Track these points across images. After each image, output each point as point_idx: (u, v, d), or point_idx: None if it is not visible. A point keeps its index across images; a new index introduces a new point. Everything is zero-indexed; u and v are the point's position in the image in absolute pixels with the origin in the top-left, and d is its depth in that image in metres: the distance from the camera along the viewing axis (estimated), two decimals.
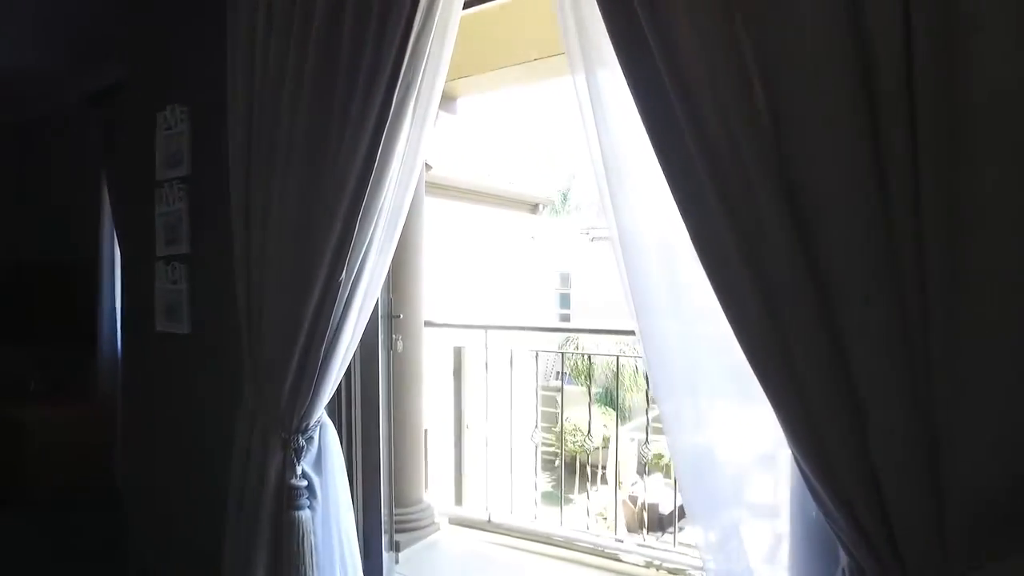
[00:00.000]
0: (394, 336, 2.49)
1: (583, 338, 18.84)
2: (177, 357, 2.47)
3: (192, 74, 2.35)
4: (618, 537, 3.43)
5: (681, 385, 1.40)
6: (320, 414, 1.89)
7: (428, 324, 3.16)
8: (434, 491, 3.44)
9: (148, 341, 2.56)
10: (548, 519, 3.54)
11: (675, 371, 1.40)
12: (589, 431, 3.93)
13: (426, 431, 3.28)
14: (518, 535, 3.32)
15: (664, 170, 1.19)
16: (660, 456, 15.56)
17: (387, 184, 1.74)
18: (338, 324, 1.78)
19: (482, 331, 3.44)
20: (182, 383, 2.47)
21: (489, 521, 3.42)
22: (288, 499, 1.83)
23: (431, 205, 9.74)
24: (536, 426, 3.70)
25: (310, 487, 1.86)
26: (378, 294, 1.94)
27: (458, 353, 3.48)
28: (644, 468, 14.61)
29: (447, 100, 2.99)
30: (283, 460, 1.84)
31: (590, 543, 3.30)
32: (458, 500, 3.59)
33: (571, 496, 17.02)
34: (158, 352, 2.55)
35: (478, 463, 3.67)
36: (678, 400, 1.41)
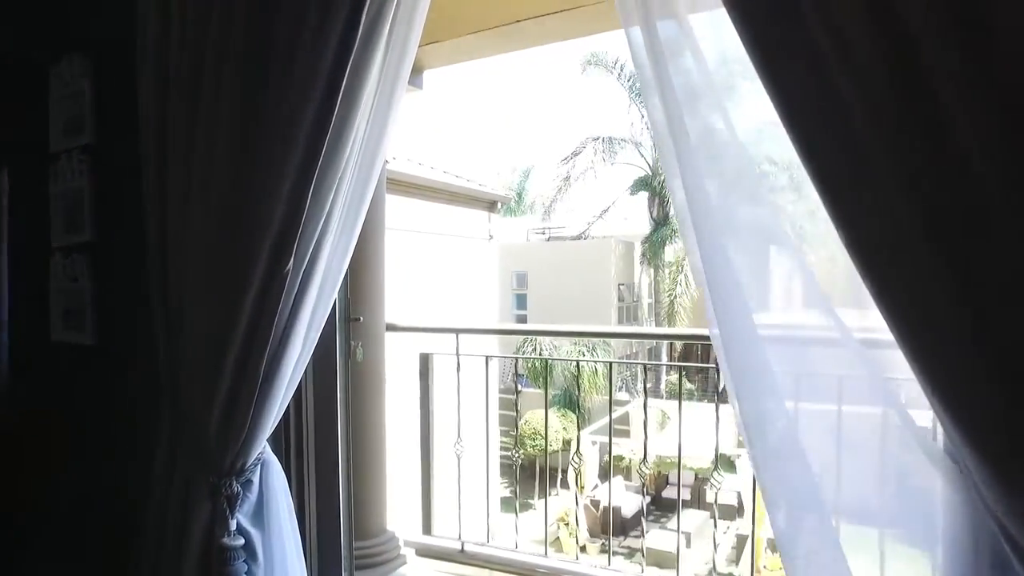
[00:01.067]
0: (352, 343, 2.06)
1: (540, 340, 18.55)
2: (79, 375, 1.97)
3: (94, 13, 1.86)
4: (610, 567, 3.06)
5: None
6: (261, 449, 1.44)
7: (391, 328, 2.73)
8: (399, 518, 3.00)
9: (40, 354, 2.05)
10: (529, 547, 3.14)
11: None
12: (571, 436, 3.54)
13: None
14: (496, 567, 2.92)
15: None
16: (620, 459, 15.43)
17: (349, 144, 1.31)
18: (284, 332, 1.34)
19: (451, 335, 3.03)
20: (84, 410, 1.97)
21: (462, 551, 3.00)
22: (218, 564, 1.38)
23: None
24: (494, 434, 3.30)
25: (248, 546, 1.41)
26: (335, 294, 1.50)
27: (425, 361, 3.05)
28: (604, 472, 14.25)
29: (414, 73, 2.53)
30: (211, 513, 1.39)
31: (579, 574, 2.93)
32: (427, 528, 3.16)
33: (531, 501, 16.70)
34: (52, 368, 2.05)
35: (449, 484, 3.25)
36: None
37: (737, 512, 14.31)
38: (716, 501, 2.98)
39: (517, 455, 3.47)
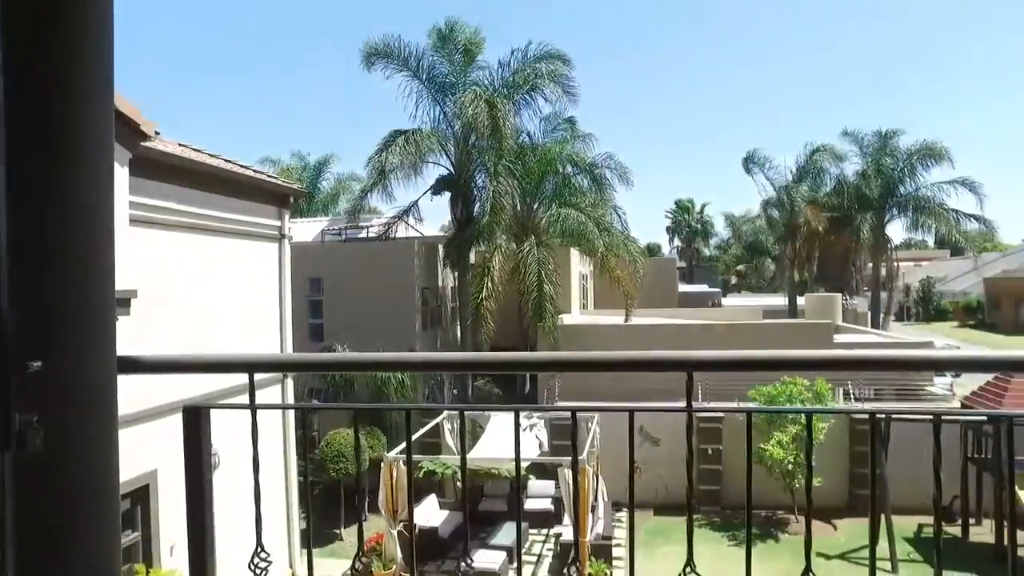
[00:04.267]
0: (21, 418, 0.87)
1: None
2: None
3: None
4: None
5: None
6: None
7: (129, 368, 1.48)
8: None
9: None
10: None
11: None
12: None
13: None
14: None
15: None
16: (432, 473, 14.44)
17: None
18: None
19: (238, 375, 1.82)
20: None
21: None
22: None
23: (143, 192, 7.31)
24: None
25: None
26: None
27: (195, 419, 1.79)
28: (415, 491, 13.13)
29: None
30: None
31: None
32: None
33: (337, 531, 15.02)
34: None
35: None
36: None
37: (554, 519, 14.11)
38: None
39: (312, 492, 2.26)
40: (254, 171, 11.72)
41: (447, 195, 20.54)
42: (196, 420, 1.75)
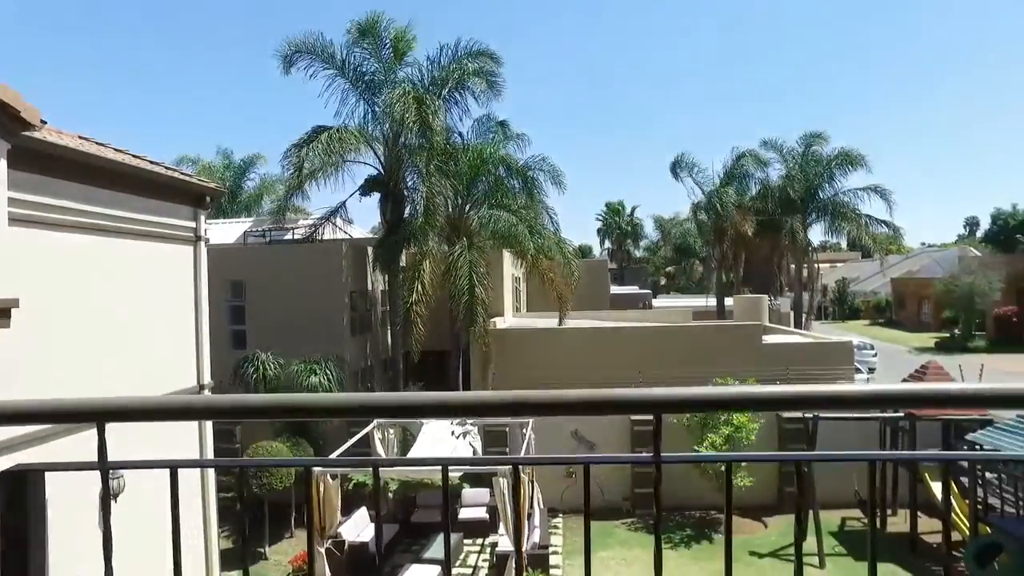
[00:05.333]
0: None
1: (263, 359, 16.10)
2: None
3: None
4: None
5: None
6: None
7: None
8: None
9: None
10: None
11: None
12: None
13: None
14: None
15: None
16: (363, 484, 13.84)
17: None
18: None
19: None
20: None
21: None
22: None
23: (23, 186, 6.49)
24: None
25: None
26: None
27: (17, 489, 1.37)
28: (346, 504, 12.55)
29: None
30: None
31: None
32: None
33: (262, 550, 14.21)
34: None
35: None
36: None
37: (490, 528, 13.76)
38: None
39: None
40: (166, 168, 10.88)
41: (377, 196, 19.92)
42: (20, 490, 1.33)
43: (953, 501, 13.26)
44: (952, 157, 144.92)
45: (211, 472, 11.82)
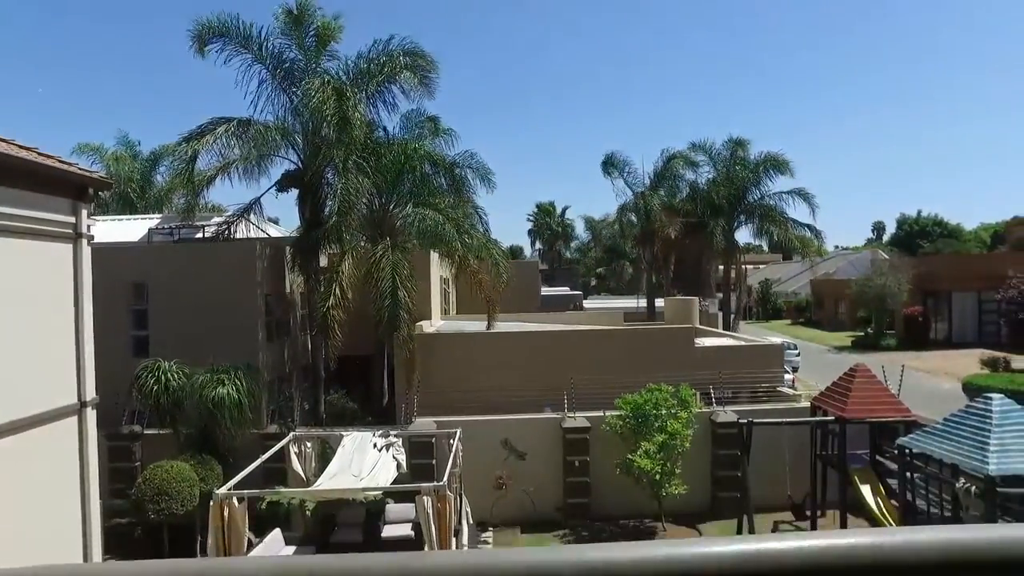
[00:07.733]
0: None
1: (165, 367, 14.65)
2: None
3: None
4: None
5: None
6: None
7: None
8: None
9: None
10: None
11: None
12: None
13: None
14: None
15: None
16: (276, 504, 12.67)
17: None
18: None
19: None
20: None
21: None
22: None
23: None
24: None
25: None
26: None
27: None
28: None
29: None
30: None
31: None
32: None
33: None
34: None
35: None
36: None
37: (415, 546, 12.86)
38: None
39: None
40: (39, 154, 9.51)
41: (295, 192, 18.66)
42: None
43: (880, 502, 13.33)
44: (860, 163, 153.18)
45: (94, 494, 10.41)
